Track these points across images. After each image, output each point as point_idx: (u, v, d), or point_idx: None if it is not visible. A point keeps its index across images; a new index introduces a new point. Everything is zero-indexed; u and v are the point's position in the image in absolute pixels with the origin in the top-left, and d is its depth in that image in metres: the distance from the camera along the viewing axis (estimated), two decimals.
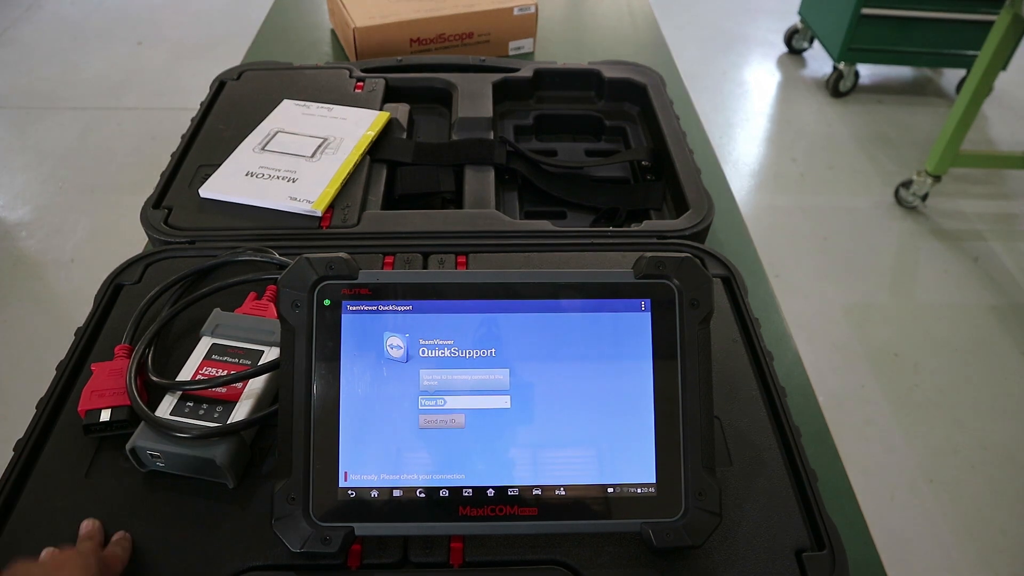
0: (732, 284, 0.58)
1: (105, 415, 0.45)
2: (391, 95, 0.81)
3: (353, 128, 0.71)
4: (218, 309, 0.51)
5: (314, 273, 0.40)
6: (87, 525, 0.41)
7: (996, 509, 1.29)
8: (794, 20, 2.54)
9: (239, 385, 0.46)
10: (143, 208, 0.63)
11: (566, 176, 0.74)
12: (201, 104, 0.77)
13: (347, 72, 0.82)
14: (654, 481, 0.40)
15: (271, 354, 0.48)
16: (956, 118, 1.76)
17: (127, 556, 0.40)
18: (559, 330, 0.41)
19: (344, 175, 0.66)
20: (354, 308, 0.40)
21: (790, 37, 2.57)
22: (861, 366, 1.53)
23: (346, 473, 0.39)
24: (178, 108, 2.18)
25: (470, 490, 0.39)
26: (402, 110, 0.77)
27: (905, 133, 2.22)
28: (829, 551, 0.41)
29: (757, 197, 1.98)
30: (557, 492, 0.39)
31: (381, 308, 0.40)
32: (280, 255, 0.56)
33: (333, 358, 0.40)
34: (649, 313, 0.41)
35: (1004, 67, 1.84)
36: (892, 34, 2.20)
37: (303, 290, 0.40)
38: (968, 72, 1.91)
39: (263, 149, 0.69)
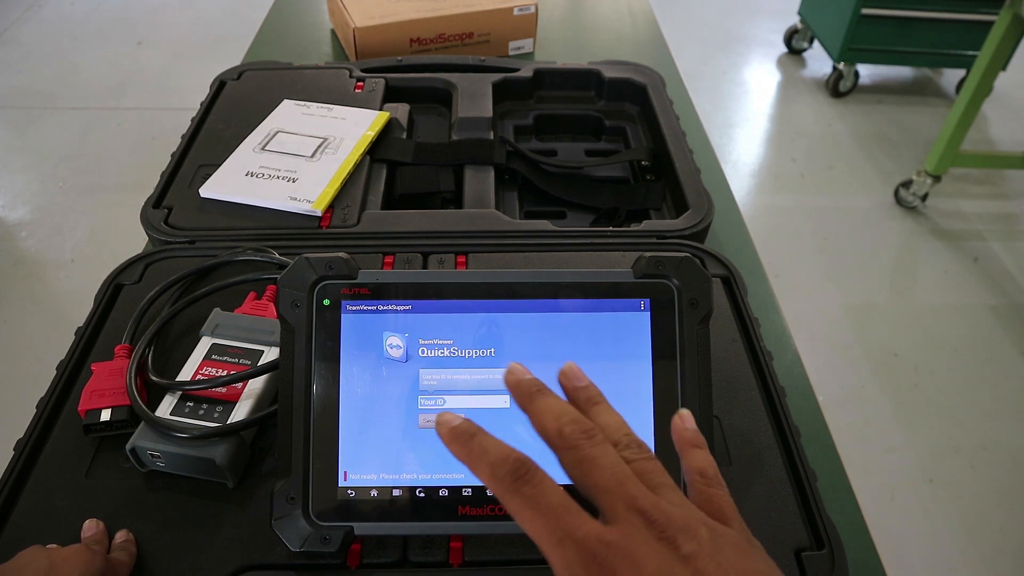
0: (732, 284, 0.58)
1: (105, 415, 0.45)
2: (391, 95, 0.81)
3: (353, 128, 0.71)
4: (218, 309, 0.51)
5: (314, 273, 0.40)
6: (91, 526, 0.41)
7: (996, 509, 1.29)
8: (794, 20, 2.54)
9: (239, 385, 0.46)
10: (143, 208, 0.63)
11: (566, 176, 0.74)
12: (201, 104, 0.77)
13: (347, 72, 0.82)
14: None
15: (271, 354, 0.48)
16: (956, 118, 1.76)
17: (133, 562, 0.40)
18: (558, 330, 0.40)
19: (344, 175, 0.66)
20: (353, 308, 0.40)
21: (790, 37, 2.57)
22: (861, 366, 1.53)
23: (345, 473, 0.39)
24: (178, 108, 2.18)
25: (469, 489, 0.39)
26: (402, 110, 0.77)
27: (905, 133, 2.22)
28: (828, 551, 0.41)
29: (757, 197, 1.98)
30: None
31: (381, 308, 0.40)
32: (280, 255, 0.56)
33: (332, 358, 0.40)
34: (648, 313, 0.41)
35: (1004, 67, 1.84)
36: (892, 34, 2.21)
37: (303, 290, 0.40)
38: (968, 72, 1.91)
39: (263, 149, 0.69)
